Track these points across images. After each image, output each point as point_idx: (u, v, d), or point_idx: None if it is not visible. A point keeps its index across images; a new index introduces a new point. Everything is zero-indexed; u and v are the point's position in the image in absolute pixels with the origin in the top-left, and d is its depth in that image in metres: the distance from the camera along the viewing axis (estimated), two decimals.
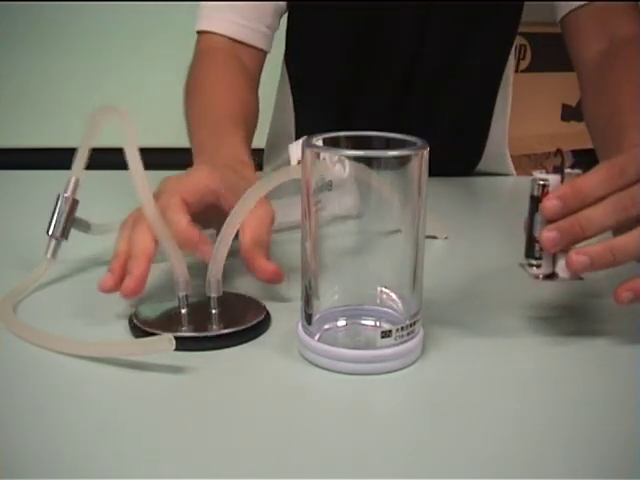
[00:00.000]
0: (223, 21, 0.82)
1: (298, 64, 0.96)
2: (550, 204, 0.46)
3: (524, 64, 1.91)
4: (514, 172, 1.07)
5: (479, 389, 0.44)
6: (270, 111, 1.08)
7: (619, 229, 0.48)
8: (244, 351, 0.48)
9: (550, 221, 0.46)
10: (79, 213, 0.57)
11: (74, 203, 0.57)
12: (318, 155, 0.44)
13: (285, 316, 0.51)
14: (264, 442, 0.38)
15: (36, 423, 0.39)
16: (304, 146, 0.44)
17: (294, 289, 0.48)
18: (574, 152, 2.15)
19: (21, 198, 0.84)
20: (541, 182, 0.47)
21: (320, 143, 0.45)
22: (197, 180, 0.55)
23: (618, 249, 0.46)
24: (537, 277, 0.48)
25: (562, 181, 0.47)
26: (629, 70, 0.72)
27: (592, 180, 0.47)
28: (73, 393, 0.43)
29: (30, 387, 0.43)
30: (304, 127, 0.96)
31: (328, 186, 0.46)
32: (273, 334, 0.50)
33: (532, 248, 0.47)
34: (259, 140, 1.11)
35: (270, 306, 0.54)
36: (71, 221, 0.57)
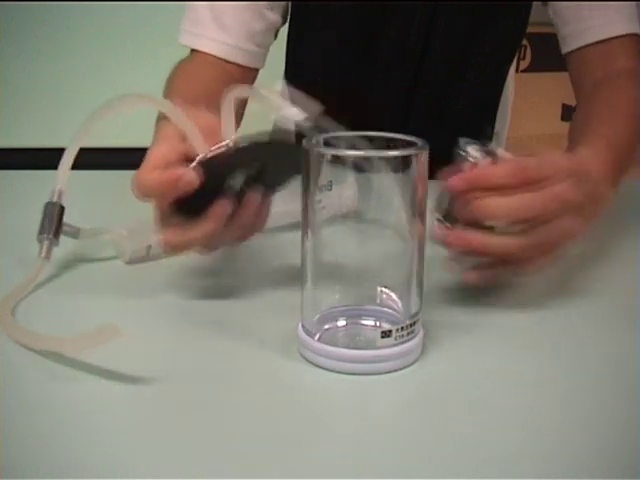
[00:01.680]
0: (210, 40, 0.80)
1: (298, 67, 0.96)
2: (455, 184, 0.50)
3: (524, 64, 1.91)
4: None
5: (479, 389, 0.44)
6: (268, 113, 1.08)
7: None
8: (244, 351, 0.48)
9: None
10: (72, 214, 0.58)
11: (61, 209, 0.58)
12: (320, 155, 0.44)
13: (285, 316, 0.51)
14: (264, 442, 0.38)
15: (35, 424, 0.39)
16: (304, 145, 0.44)
17: (294, 289, 0.48)
18: None
19: (21, 198, 0.84)
20: (472, 160, 0.51)
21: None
22: (160, 148, 0.53)
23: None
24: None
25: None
26: (610, 97, 0.76)
27: (499, 172, 0.51)
28: (74, 394, 0.43)
29: (29, 388, 0.43)
30: None
31: (328, 186, 0.46)
32: (273, 334, 0.50)
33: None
34: None
35: (270, 306, 0.54)
36: (60, 225, 0.58)
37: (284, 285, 0.56)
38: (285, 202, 0.64)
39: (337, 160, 0.44)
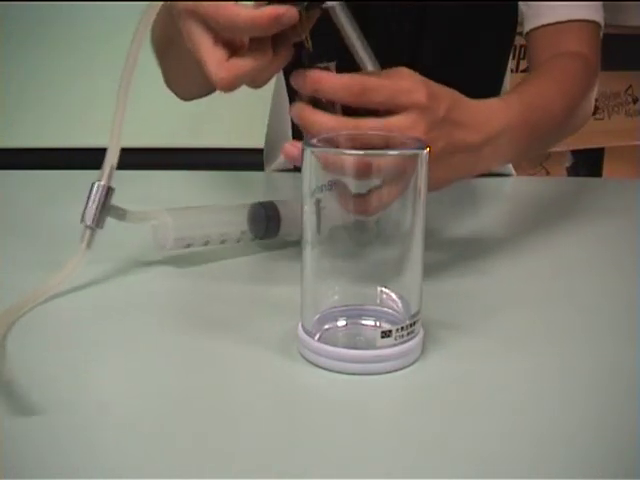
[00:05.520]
0: None
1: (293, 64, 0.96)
2: (294, 80, 0.52)
3: (524, 64, 1.91)
4: (514, 172, 1.07)
5: (479, 389, 0.44)
6: (268, 112, 1.08)
7: None
8: (244, 351, 0.48)
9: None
10: (76, 210, 0.57)
11: (109, 191, 0.55)
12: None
13: (285, 316, 0.51)
14: (264, 442, 0.38)
15: (36, 423, 0.39)
16: (304, 145, 0.44)
17: (294, 289, 0.48)
18: (574, 152, 2.15)
19: (21, 198, 0.84)
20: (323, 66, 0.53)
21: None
22: None
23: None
24: None
25: None
26: (547, 67, 0.78)
27: (335, 79, 0.51)
28: (73, 393, 0.43)
29: (30, 387, 0.43)
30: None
31: (328, 186, 0.46)
32: (273, 334, 0.50)
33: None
34: (258, 140, 1.12)
35: (270, 306, 0.54)
36: (106, 210, 0.55)
37: (284, 285, 0.56)
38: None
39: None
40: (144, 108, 0.59)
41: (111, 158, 0.55)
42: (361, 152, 0.43)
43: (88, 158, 0.57)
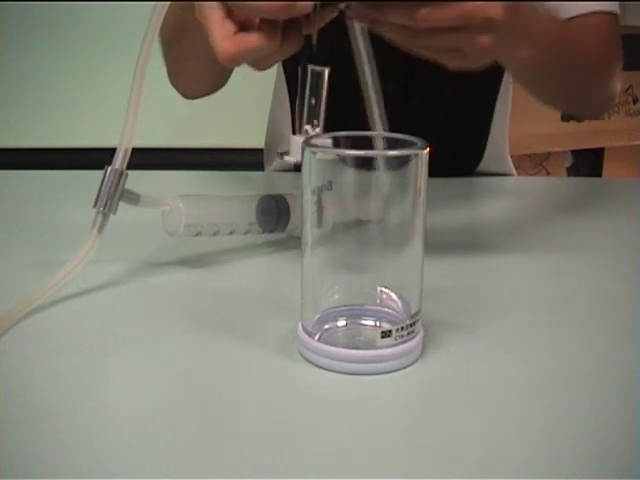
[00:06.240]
0: None
1: (295, 62, 0.96)
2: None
3: None
4: (514, 172, 1.07)
5: (479, 389, 0.44)
6: (268, 112, 1.08)
7: None
8: (243, 351, 0.48)
9: None
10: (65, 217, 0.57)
11: (122, 175, 0.55)
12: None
13: (285, 316, 0.51)
14: (264, 442, 0.38)
15: (35, 423, 0.39)
16: (304, 146, 0.44)
17: (294, 289, 0.48)
18: (574, 152, 2.15)
19: (23, 198, 0.84)
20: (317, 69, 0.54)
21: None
22: None
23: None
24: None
25: None
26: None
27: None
28: (72, 392, 0.43)
29: (29, 386, 0.43)
30: None
31: (328, 186, 0.46)
32: (273, 334, 0.50)
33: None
34: (258, 140, 1.12)
35: (270, 306, 0.54)
36: (119, 194, 0.55)
37: (284, 285, 0.56)
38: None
39: (337, 160, 0.44)
40: (144, 108, 0.59)
41: (125, 142, 0.54)
42: (361, 152, 0.43)
43: (90, 158, 0.57)
